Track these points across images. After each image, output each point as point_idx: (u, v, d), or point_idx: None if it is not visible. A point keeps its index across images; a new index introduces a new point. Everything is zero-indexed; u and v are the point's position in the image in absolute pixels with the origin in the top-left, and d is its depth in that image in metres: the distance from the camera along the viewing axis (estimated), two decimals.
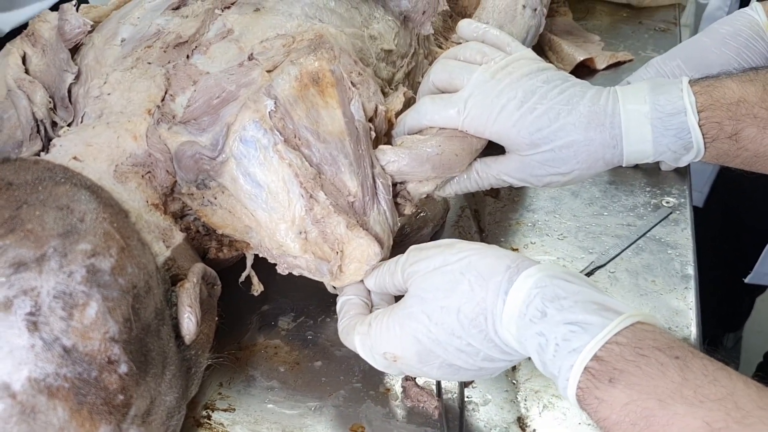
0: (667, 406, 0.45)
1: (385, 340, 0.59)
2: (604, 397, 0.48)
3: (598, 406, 0.48)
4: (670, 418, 0.45)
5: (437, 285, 0.58)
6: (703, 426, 0.44)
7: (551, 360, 0.51)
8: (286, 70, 0.68)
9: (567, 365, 0.50)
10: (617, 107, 0.67)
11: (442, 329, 0.57)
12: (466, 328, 0.56)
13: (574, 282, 0.54)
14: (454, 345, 0.57)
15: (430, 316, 0.57)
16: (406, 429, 0.66)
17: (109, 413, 0.48)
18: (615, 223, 0.87)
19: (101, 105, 0.69)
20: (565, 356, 0.50)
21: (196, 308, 0.57)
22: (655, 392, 0.46)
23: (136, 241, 0.54)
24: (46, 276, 0.46)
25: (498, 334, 0.55)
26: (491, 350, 0.56)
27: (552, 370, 0.52)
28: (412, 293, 0.59)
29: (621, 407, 0.47)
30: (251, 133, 0.65)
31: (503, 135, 0.69)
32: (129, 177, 0.65)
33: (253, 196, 0.65)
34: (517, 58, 0.71)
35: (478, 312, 0.56)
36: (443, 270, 0.58)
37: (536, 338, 0.52)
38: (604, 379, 0.48)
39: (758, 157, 0.67)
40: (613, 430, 0.47)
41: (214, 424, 0.67)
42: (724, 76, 0.68)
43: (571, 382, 0.49)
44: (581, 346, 0.49)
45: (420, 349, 0.58)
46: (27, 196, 0.49)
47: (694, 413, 0.44)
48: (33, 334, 0.45)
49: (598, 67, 1.13)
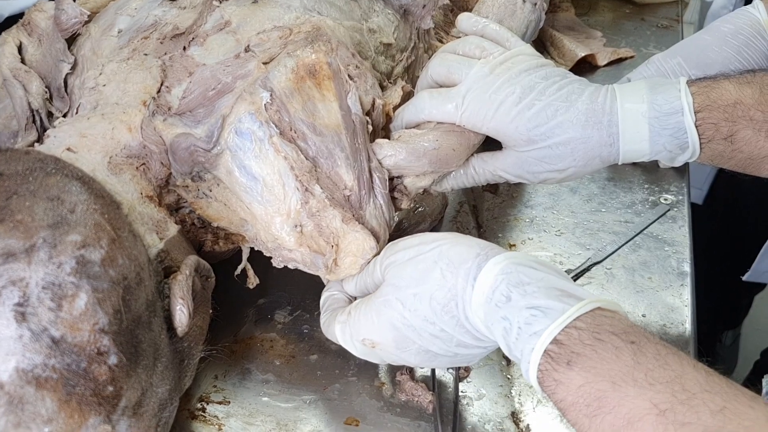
0: (619, 389, 0.47)
1: (364, 327, 0.61)
2: (561, 379, 0.50)
3: (556, 387, 0.50)
4: (621, 400, 0.47)
5: (411, 273, 0.59)
6: (650, 407, 0.46)
7: (514, 343, 0.53)
8: (282, 62, 0.68)
9: (528, 348, 0.52)
10: (615, 105, 0.67)
11: (416, 315, 0.58)
12: (438, 314, 0.58)
13: (540, 269, 0.56)
14: (428, 331, 0.58)
15: (404, 303, 0.59)
16: (400, 423, 0.66)
17: (98, 404, 0.47)
18: (613, 219, 0.87)
19: (97, 96, 0.69)
20: (527, 339, 0.52)
21: (188, 300, 0.57)
22: (609, 375, 0.48)
23: (127, 233, 0.54)
24: (35, 267, 0.46)
25: (469, 320, 0.57)
26: (464, 336, 0.58)
27: (515, 353, 0.54)
28: (387, 282, 0.61)
29: (576, 389, 0.49)
30: (246, 126, 0.65)
31: (500, 131, 0.68)
32: (123, 169, 0.65)
33: (249, 189, 0.65)
34: (515, 54, 0.70)
35: (450, 298, 0.57)
36: (417, 259, 0.60)
37: (501, 322, 0.54)
38: (562, 362, 0.50)
39: (752, 159, 0.67)
40: (569, 411, 0.49)
41: (209, 417, 0.67)
42: (721, 77, 0.68)
43: (532, 365, 0.51)
44: (541, 329, 0.51)
45: (396, 336, 0.60)
46: (17, 186, 0.49)
47: (642, 395, 0.47)
48: (21, 325, 0.45)
49: (599, 63, 1.13)
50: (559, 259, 0.82)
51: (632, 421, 0.46)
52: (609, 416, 0.47)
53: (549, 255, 0.83)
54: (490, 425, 0.66)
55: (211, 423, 0.67)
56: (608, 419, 0.47)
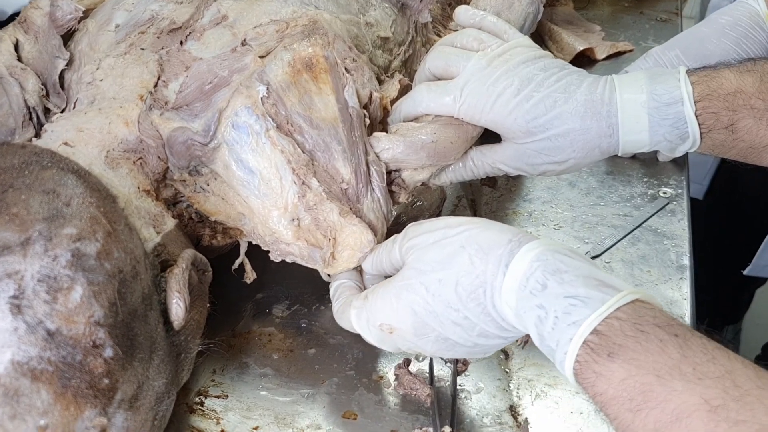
0: (666, 383, 0.45)
1: (382, 311, 0.59)
2: (602, 372, 0.47)
3: (596, 380, 0.48)
4: (668, 394, 0.45)
5: (436, 258, 0.57)
6: (701, 402, 0.43)
7: (549, 333, 0.50)
8: (279, 56, 0.68)
9: (566, 338, 0.49)
10: (614, 96, 0.66)
11: (439, 301, 0.56)
12: (463, 301, 0.55)
13: (576, 258, 0.53)
14: (450, 318, 0.56)
15: (428, 288, 0.56)
16: (398, 416, 0.66)
17: (94, 397, 0.47)
18: (611, 213, 0.87)
19: (94, 91, 0.69)
20: (565, 329, 0.49)
21: (184, 294, 0.57)
22: (654, 368, 0.46)
23: (123, 226, 0.54)
24: (30, 259, 0.46)
25: (496, 308, 0.54)
26: (488, 325, 0.55)
27: (549, 343, 0.51)
28: (409, 265, 0.58)
29: (619, 382, 0.46)
30: (243, 119, 0.65)
31: (499, 123, 0.68)
32: (120, 163, 0.65)
33: (246, 183, 0.65)
34: (513, 46, 0.70)
35: (477, 285, 0.55)
36: (443, 243, 0.57)
37: (535, 311, 0.51)
38: (602, 353, 0.47)
39: (753, 148, 0.66)
40: (610, 405, 0.47)
41: (207, 411, 0.67)
42: (721, 66, 0.68)
43: (569, 355, 0.49)
44: (581, 319, 0.49)
45: (416, 321, 0.57)
46: (13, 179, 0.49)
47: (692, 390, 0.44)
48: (16, 317, 0.45)
49: (598, 57, 1.12)
50: None
51: (681, 417, 0.44)
52: (655, 411, 0.45)
53: None
54: (488, 419, 0.66)
55: (210, 417, 0.67)
56: (654, 414, 0.45)
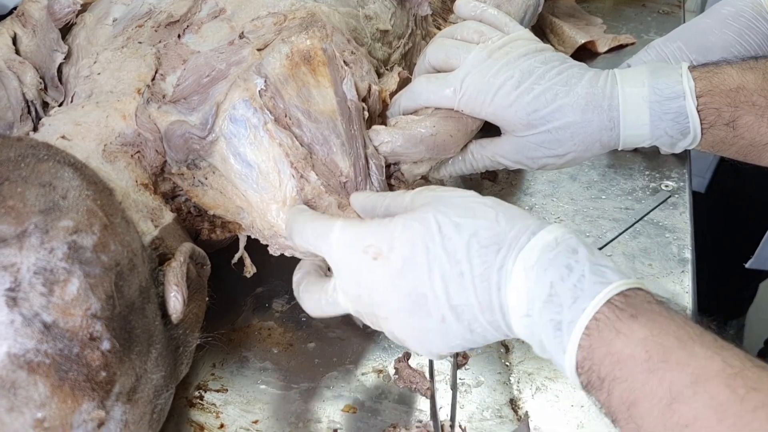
0: (686, 347, 0.44)
1: (377, 233, 0.54)
2: (623, 330, 0.46)
3: (614, 338, 0.46)
4: (688, 358, 0.44)
5: (461, 204, 0.53)
6: (722, 368, 0.43)
7: (571, 287, 0.48)
8: (276, 49, 0.67)
9: (591, 293, 0.47)
10: (616, 89, 0.66)
11: (445, 245, 0.52)
12: (470, 255, 0.51)
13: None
14: (443, 269, 0.52)
15: (441, 227, 0.52)
16: (398, 410, 0.66)
17: (91, 390, 0.47)
18: (613, 206, 0.87)
19: (91, 85, 0.69)
20: (591, 286, 0.48)
21: (182, 287, 0.56)
22: (676, 333, 0.45)
23: (120, 219, 0.54)
24: (26, 252, 0.46)
25: (500, 274, 0.51)
26: (478, 291, 0.51)
27: (565, 296, 0.48)
28: (429, 205, 0.54)
29: (638, 341, 0.45)
30: (241, 112, 0.65)
31: (499, 115, 0.68)
32: (118, 156, 0.65)
33: (244, 176, 0.65)
34: (514, 38, 0.70)
35: (493, 242, 0.51)
36: (470, 199, 0.54)
37: (560, 269, 0.49)
38: (625, 314, 0.46)
39: (754, 146, 0.66)
40: (623, 365, 0.45)
41: (207, 405, 0.67)
42: (724, 63, 0.67)
43: (588, 312, 0.47)
44: (609, 281, 0.48)
45: (407, 257, 0.53)
46: (9, 172, 0.49)
47: (712, 356, 0.44)
48: (12, 310, 0.45)
49: (599, 50, 1.12)
50: None
51: (699, 380, 0.43)
52: (671, 373, 0.44)
53: None
54: (489, 412, 0.66)
55: (209, 411, 0.67)
56: (669, 376, 0.44)
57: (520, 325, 0.51)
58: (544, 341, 0.50)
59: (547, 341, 0.50)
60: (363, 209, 0.62)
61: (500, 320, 0.52)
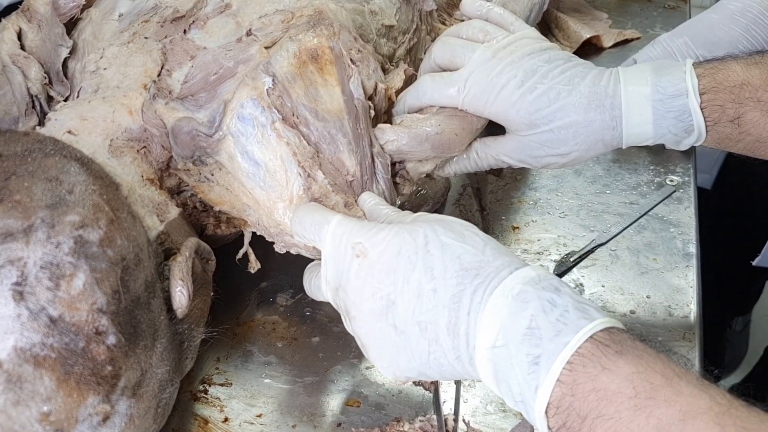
0: (673, 384, 0.44)
1: (368, 234, 0.56)
2: (608, 366, 0.45)
3: (599, 374, 0.45)
4: (675, 395, 0.43)
5: (454, 229, 0.54)
6: (710, 406, 0.42)
7: (554, 321, 0.47)
8: (284, 47, 0.67)
9: (575, 327, 0.47)
10: (618, 88, 0.66)
11: (428, 260, 0.53)
12: (447, 274, 0.52)
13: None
14: (419, 281, 0.52)
15: (428, 243, 0.53)
16: (401, 404, 0.66)
17: (97, 384, 0.48)
18: (617, 201, 0.87)
19: (97, 80, 0.69)
20: (575, 320, 0.47)
21: (188, 282, 0.57)
22: (662, 371, 0.45)
23: (126, 214, 0.54)
24: (33, 246, 0.46)
25: (475, 293, 0.50)
26: (447, 310, 0.51)
27: (546, 329, 0.47)
28: (427, 220, 0.56)
29: (624, 377, 0.45)
30: (249, 111, 0.65)
31: (502, 115, 0.68)
32: (124, 151, 0.65)
33: (251, 175, 0.65)
34: (519, 38, 0.70)
35: (474, 267, 0.52)
36: (467, 228, 0.55)
37: (543, 303, 0.48)
38: (610, 350, 0.46)
39: (761, 142, 0.65)
40: (611, 399, 0.45)
41: (211, 398, 0.68)
42: (729, 58, 0.67)
43: (571, 345, 0.46)
44: (594, 317, 0.48)
45: (387, 262, 0.54)
46: (16, 167, 0.49)
47: (699, 394, 0.43)
48: (19, 304, 0.45)
49: (604, 45, 1.11)
50: (563, 240, 0.82)
51: (687, 417, 0.42)
52: (659, 410, 0.43)
53: (553, 237, 0.83)
54: (492, 406, 0.66)
55: (213, 404, 0.67)
56: (657, 413, 0.43)
57: (483, 358, 0.50)
58: (513, 377, 0.48)
59: (516, 377, 0.48)
60: (369, 214, 0.64)
61: (463, 347, 0.51)
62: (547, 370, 0.46)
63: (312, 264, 0.65)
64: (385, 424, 0.65)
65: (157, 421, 0.57)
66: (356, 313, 0.56)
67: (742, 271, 1.55)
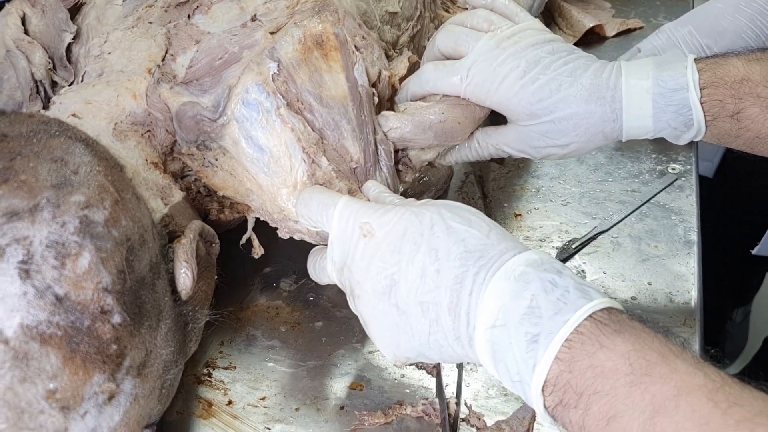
0: (669, 362, 0.44)
1: (375, 214, 0.57)
2: (605, 343, 0.46)
3: (597, 351, 0.46)
4: (671, 372, 0.44)
5: (461, 214, 0.55)
6: (703, 383, 0.43)
7: (554, 300, 0.48)
8: (289, 33, 0.67)
9: (574, 306, 0.48)
10: (619, 81, 0.66)
11: (433, 241, 0.53)
12: (451, 257, 0.52)
13: None
14: (423, 262, 0.53)
15: (434, 226, 0.54)
16: (404, 388, 0.67)
17: (102, 362, 0.48)
18: (620, 189, 0.87)
19: (102, 64, 0.69)
20: (575, 300, 0.48)
21: (192, 264, 0.57)
22: (659, 349, 0.45)
23: (131, 195, 0.54)
24: (38, 226, 0.47)
25: (478, 275, 0.51)
26: (449, 290, 0.52)
27: (547, 308, 0.48)
28: (435, 204, 0.56)
29: (621, 354, 0.45)
30: (254, 96, 0.65)
31: (504, 104, 0.68)
32: (128, 135, 0.65)
33: (255, 160, 0.65)
34: (524, 28, 0.70)
35: (478, 250, 0.52)
36: (473, 214, 0.56)
37: (544, 283, 0.49)
38: (609, 329, 0.46)
39: (760, 138, 0.66)
40: (606, 376, 0.45)
41: (215, 382, 0.68)
42: (730, 54, 0.67)
43: (576, 317, 0.47)
44: (593, 298, 0.48)
45: (393, 242, 0.54)
46: (21, 147, 0.50)
47: (694, 372, 0.44)
48: (25, 282, 0.46)
49: (607, 34, 1.11)
50: (564, 228, 0.82)
51: (682, 392, 0.43)
52: (654, 386, 0.43)
53: (555, 224, 0.83)
54: (494, 390, 0.66)
55: (217, 388, 0.68)
56: (653, 389, 0.43)
57: (483, 338, 0.50)
58: (510, 357, 0.49)
59: (514, 356, 0.48)
60: (374, 201, 0.64)
61: (463, 327, 0.52)
62: (545, 348, 0.47)
63: (316, 248, 0.65)
64: (387, 408, 0.65)
65: (162, 402, 0.58)
66: (360, 292, 0.56)
67: (742, 261, 1.55)
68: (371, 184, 0.66)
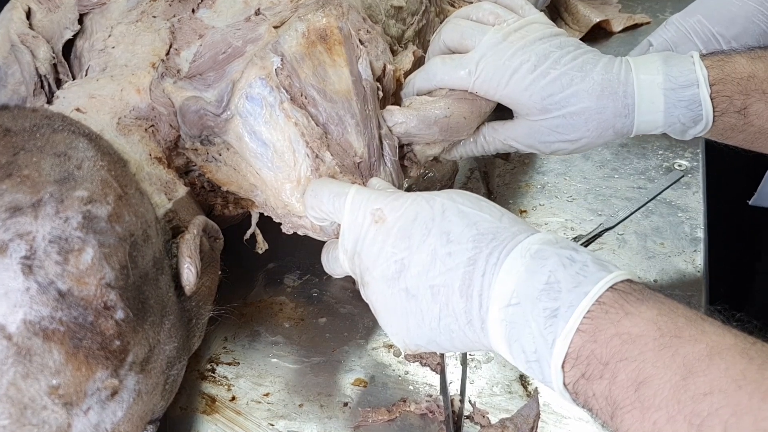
0: (697, 325, 0.44)
1: (387, 200, 0.57)
2: (631, 311, 0.45)
3: (622, 319, 0.45)
4: (699, 334, 0.43)
5: (472, 199, 0.55)
6: (734, 343, 0.42)
7: (573, 274, 0.48)
8: (293, 27, 0.67)
9: (594, 278, 0.47)
10: (630, 76, 0.66)
11: (444, 225, 0.53)
12: (464, 239, 0.52)
13: None
14: (433, 246, 0.53)
15: (446, 211, 0.54)
16: (408, 385, 0.67)
17: (105, 358, 0.48)
18: (626, 185, 0.86)
19: (105, 58, 0.69)
20: (595, 272, 0.48)
21: (196, 259, 0.57)
22: (684, 314, 0.45)
23: (134, 190, 0.54)
24: (41, 221, 0.47)
25: (491, 255, 0.51)
26: (461, 272, 0.51)
27: (566, 282, 0.47)
28: (444, 192, 0.57)
29: (648, 320, 0.45)
30: (257, 91, 0.64)
31: (514, 98, 0.68)
32: (132, 130, 0.65)
33: (259, 155, 0.65)
34: (530, 22, 0.69)
35: (491, 232, 0.52)
36: (484, 200, 0.56)
37: (562, 259, 0.49)
38: (632, 297, 0.46)
39: (762, 133, 0.66)
40: (635, 342, 0.44)
41: (219, 378, 0.68)
42: (733, 52, 0.68)
43: (597, 288, 0.46)
44: (612, 270, 0.48)
45: (404, 227, 0.54)
46: (24, 142, 0.49)
47: (722, 333, 0.43)
48: (28, 277, 0.45)
49: (614, 29, 1.11)
50: (570, 224, 0.82)
51: (715, 351, 0.42)
52: (684, 348, 0.43)
53: (560, 221, 0.82)
54: (498, 388, 0.66)
55: (221, 383, 0.68)
56: (683, 351, 0.43)
57: (496, 319, 0.49)
58: (527, 334, 0.48)
59: (531, 333, 0.48)
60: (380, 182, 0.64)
61: (475, 310, 0.51)
62: (566, 320, 0.46)
63: (330, 241, 0.65)
64: (391, 405, 0.65)
65: (165, 398, 0.58)
66: (369, 279, 0.56)
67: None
68: (375, 181, 0.65)
